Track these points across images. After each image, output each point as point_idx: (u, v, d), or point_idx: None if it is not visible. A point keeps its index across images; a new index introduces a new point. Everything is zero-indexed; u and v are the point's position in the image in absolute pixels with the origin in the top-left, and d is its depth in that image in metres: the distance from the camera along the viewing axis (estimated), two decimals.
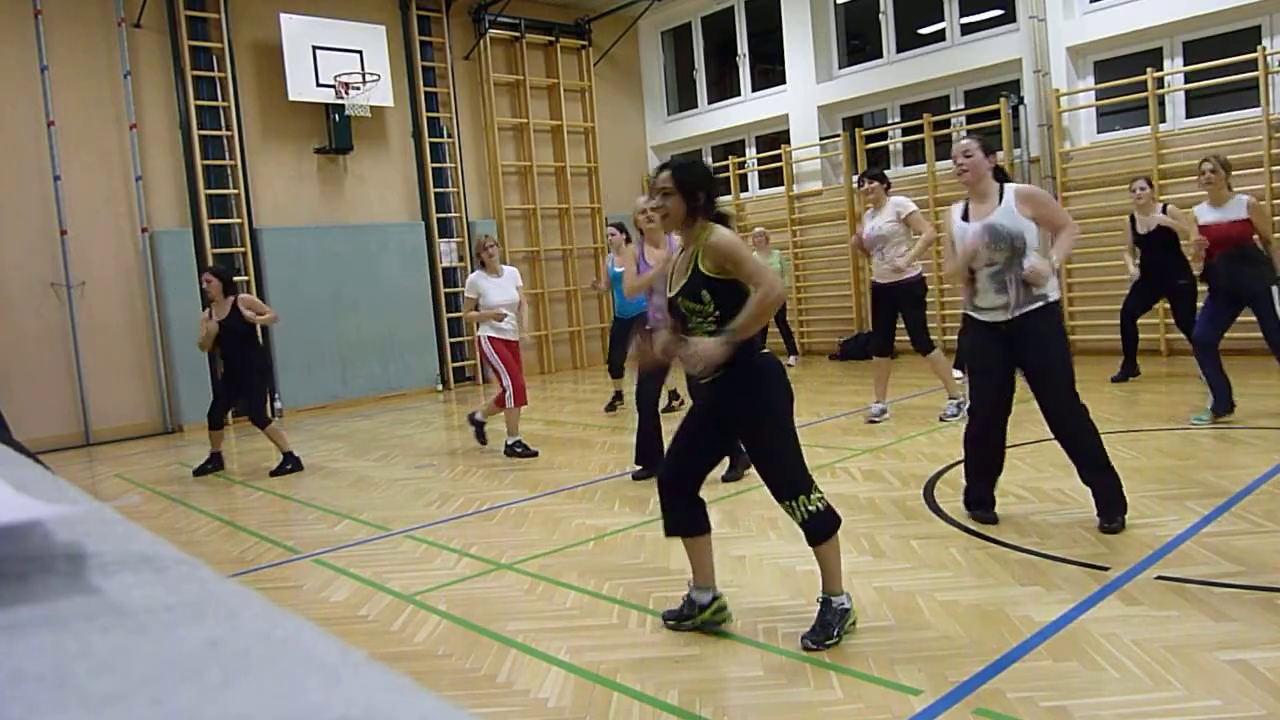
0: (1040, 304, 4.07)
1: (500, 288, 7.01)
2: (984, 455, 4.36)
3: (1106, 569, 3.57)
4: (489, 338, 6.98)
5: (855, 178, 7.51)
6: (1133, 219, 7.50)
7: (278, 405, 10.45)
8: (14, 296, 9.01)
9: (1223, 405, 6.06)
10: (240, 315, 6.97)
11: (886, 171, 11.63)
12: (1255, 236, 6.12)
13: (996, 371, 4.21)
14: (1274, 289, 5.98)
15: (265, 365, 7.19)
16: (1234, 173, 8.38)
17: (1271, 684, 2.57)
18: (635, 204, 5.40)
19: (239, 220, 10.28)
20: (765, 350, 3.27)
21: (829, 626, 3.11)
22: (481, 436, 7.33)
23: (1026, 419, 6.74)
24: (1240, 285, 5.98)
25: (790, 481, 3.15)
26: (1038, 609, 3.23)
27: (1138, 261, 7.59)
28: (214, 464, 7.25)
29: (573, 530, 4.78)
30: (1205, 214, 6.18)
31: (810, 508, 3.12)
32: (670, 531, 3.36)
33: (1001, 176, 4.25)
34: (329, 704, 0.31)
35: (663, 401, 8.78)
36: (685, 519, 3.32)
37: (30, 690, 0.31)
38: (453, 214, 12.08)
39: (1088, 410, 4.12)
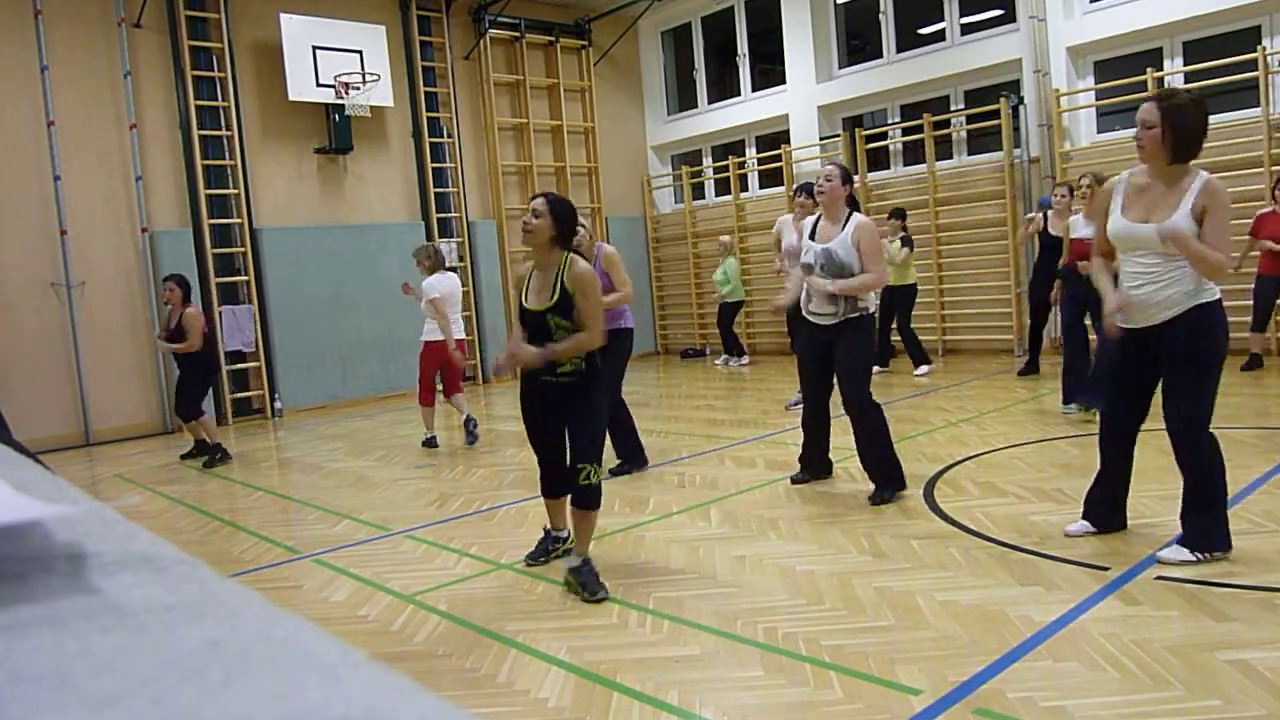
0: (857, 315, 4.84)
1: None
2: (810, 432, 5.33)
3: (1106, 569, 3.57)
4: None
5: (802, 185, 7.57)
6: (1046, 219, 7.60)
7: (278, 405, 10.46)
8: (14, 296, 9.01)
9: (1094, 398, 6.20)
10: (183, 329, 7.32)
11: (887, 172, 11.74)
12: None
13: (816, 368, 5.09)
14: None
15: (206, 371, 7.63)
16: (1234, 173, 8.44)
17: (1271, 684, 2.57)
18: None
19: (239, 220, 10.28)
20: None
21: (589, 581, 3.77)
22: (470, 436, 7.59)
23: (1026, 420, 6.77)
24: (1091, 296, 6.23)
25: (599, 449, 3.89)
26: (1038, 609, 3.24)
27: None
28: (220, 455, 7.51)
29: None
30: (1080, 228, 6.35)
31: (596, 478, 3.84)
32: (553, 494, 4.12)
33: (852, 204, 4.91)
34: (329, 704, 0.31)
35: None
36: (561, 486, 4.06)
37: (30, 690, 0.31)
38: (453, 214, 12.09)
39: (879, 410, 4.89)
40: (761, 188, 13.31)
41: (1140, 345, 3.66)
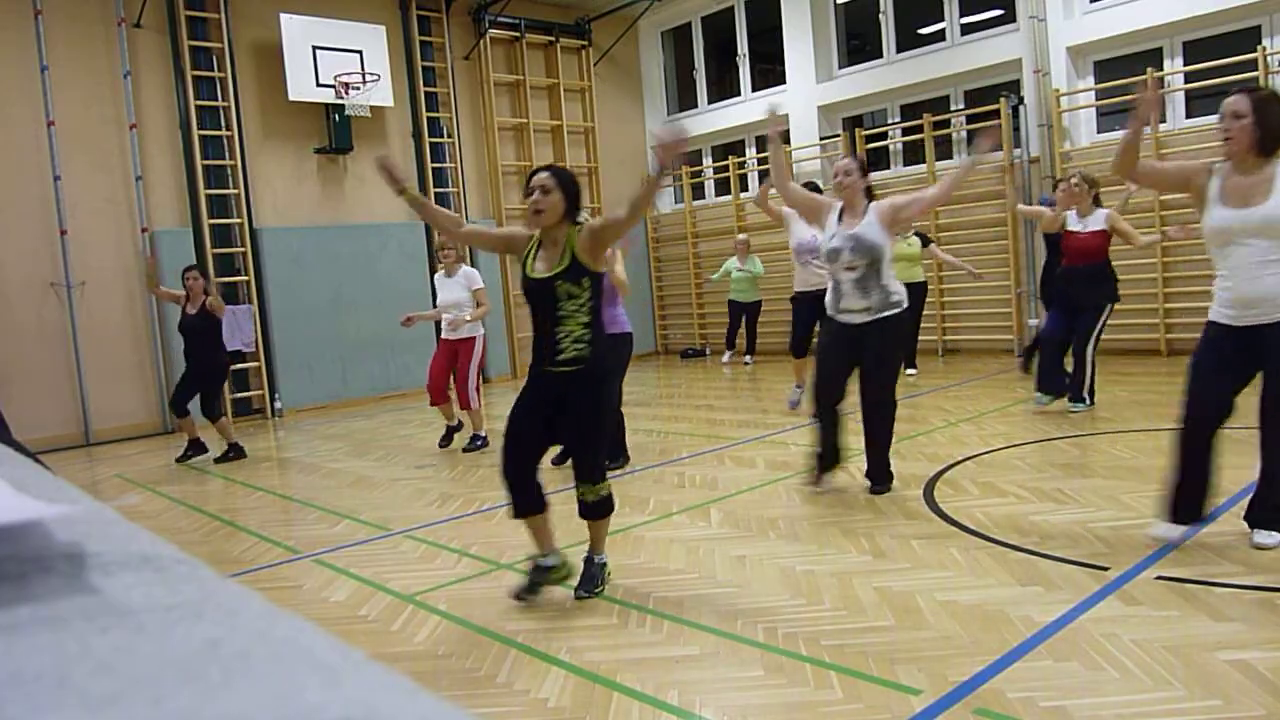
0: (892, 311, 4.78)
1: (445, 288, 7.17)
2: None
3: (1106, 569, 3.57)
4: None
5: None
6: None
7: (278, 405, 10.46)
8: (14, 296, 9.01)
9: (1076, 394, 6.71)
10: (206, 315, 7.41)
11: (887, 172, 11.73)
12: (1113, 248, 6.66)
13: (843, 369, 4.90)
14: (1106, 307, 6.57)
15: (223, 367, 7.73)
16: None
17: (1271, 684, 2.57)
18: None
19: (239, 220, 10.28)
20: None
21: (594, 579, 3.74)
22: (447, 439, 7.45)
23: (1026, 420, 6.77)
24: (1080, 298, 6.58)
25: (598, 465, 3.70)
26: (1038, 609, 3.23)
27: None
28: (194, 450, 7.72)
29: (573, 530, 4.76)
30: (1073, 223, 6.63)
31: (593, 497, 3.68)
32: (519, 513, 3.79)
33: (870, 196, 4.96)
34: (329, 704, 0.31)
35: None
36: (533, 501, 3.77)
37: (30, 690, 0.31)
38: (453, 214, 12.08)
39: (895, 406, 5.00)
40: None
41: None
